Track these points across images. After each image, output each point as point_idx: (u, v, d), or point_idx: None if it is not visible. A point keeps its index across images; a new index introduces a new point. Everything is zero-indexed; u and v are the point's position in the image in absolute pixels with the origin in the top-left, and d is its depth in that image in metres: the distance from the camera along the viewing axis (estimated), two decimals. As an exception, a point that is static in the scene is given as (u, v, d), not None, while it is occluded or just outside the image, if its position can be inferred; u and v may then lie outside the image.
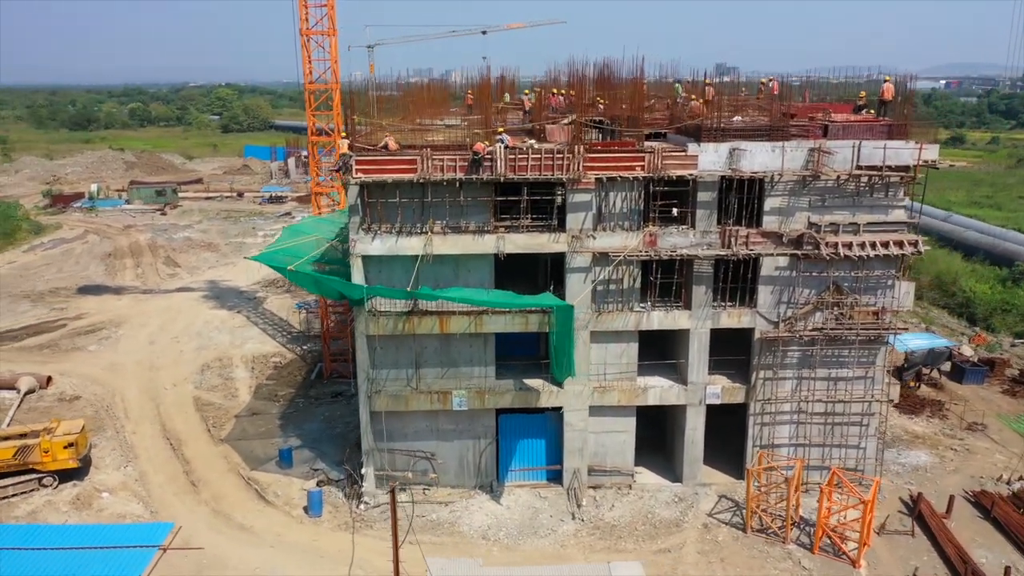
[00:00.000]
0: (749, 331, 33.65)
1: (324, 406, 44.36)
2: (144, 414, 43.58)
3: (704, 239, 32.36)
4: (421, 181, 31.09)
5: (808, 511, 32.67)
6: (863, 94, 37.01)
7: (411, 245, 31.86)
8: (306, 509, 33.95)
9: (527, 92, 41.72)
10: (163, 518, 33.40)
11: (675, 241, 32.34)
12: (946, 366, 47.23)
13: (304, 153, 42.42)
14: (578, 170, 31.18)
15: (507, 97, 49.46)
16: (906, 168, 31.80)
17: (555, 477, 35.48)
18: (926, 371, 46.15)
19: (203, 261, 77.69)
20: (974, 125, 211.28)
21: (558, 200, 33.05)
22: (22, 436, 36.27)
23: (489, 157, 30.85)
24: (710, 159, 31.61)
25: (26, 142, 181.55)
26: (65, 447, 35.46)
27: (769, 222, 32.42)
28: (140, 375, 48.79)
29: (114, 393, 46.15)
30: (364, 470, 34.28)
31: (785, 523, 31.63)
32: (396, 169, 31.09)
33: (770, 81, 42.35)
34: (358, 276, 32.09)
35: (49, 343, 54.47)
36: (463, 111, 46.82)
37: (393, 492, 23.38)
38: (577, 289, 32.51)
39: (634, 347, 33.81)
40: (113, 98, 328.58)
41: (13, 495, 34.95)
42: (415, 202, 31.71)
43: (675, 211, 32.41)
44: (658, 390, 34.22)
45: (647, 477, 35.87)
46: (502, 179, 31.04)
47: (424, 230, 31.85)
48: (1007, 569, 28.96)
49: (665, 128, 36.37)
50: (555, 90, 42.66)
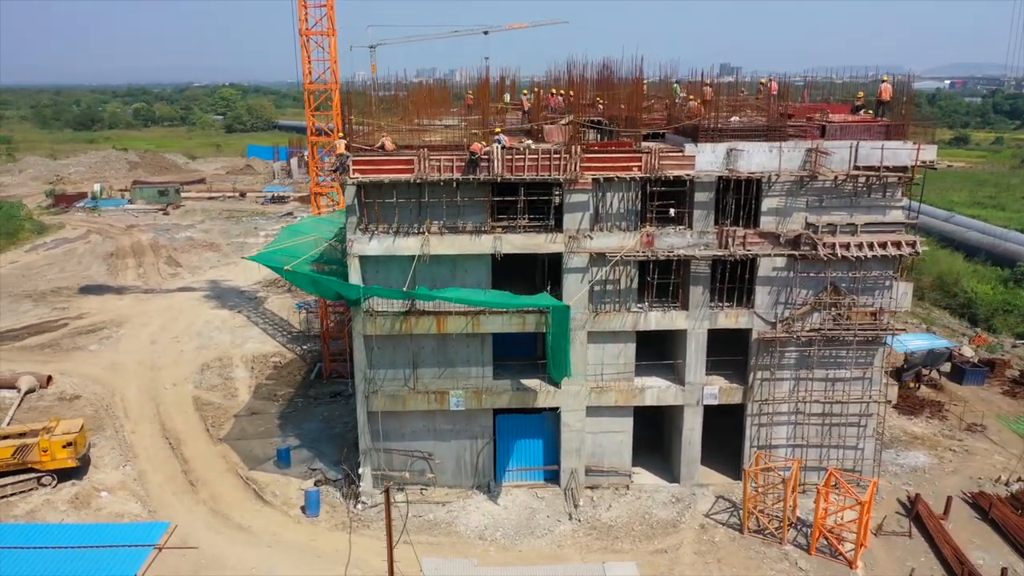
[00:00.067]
0: (746, 332, 33.62)
1: (323, 406, 44.43)
2: (144, 413, 43.68)
3: (701, 239, 32.34)
4: (418, 181, 31.13)
5: (805, 512, 32.62)
6: (861, 94, 36.95)
7: (408, 245, 31.89)
8: (303, 509, 33.97)
9: (525, 92, 41.73)
10: (161, 517, 33.44)
11: (672, 241, 32.32)
12: (946, 367, 47.13)
13: (307, 153, 42.48)
14: (575, 170, 31.19)
15: (507, 97, 49.48)
16: (904, 168, 31.73)
17: (552, 477, 35.48)
18: (926, 372, 46.04)
19: (205, 261, 77.83)
20: (978, 125, 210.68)
21: (556, 200, 33.08)
22: (21, 435, 36.39)
23: (486, 157, 30.88)
24: (707, 159, 31.59)
25: (30, 142, 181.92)
26: (64, 446, 35.58)
27: (766, 222, 32.38)
28: (140, 375, 48.90)
29: (114, 392, 46.27)
30: (361, 470, 34.32)
31: (782, 524, 31.59)
32: (393, 169, 31.13)
33: (769, 81, 42.28)
34: (355, 276, 32.13)
35: (50, 343, 54.61)
36: (463, 111, 46.83)
37: (387, 492, 23.40)
38: (574, 289, 32.51)
39: (631, 347, 33.80)
40: (117, 98, 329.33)
41: (12, 494, 35.07)
42: (412, 202, 31.75)
43: (672, 211, 32.40)
44: (655, 390, 34.21)
45: (645, 477, 35.84)
46: (499, 179, 31.07)
47: (421, 230, 31.89)
48: (1004, 570, 28.90)
49: (663, 128, 36.34)
50: (554, 90, 42.64)
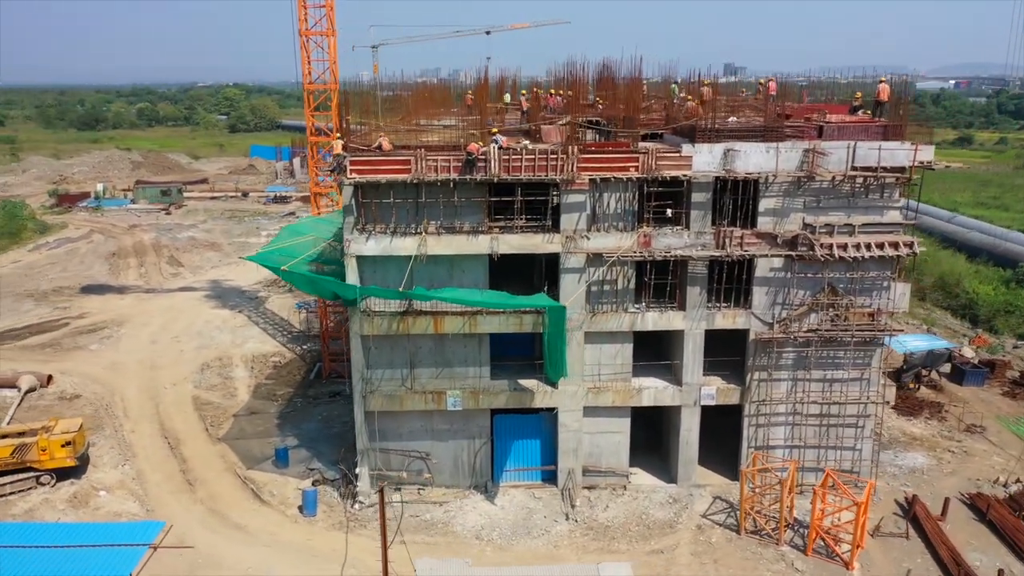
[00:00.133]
0: (744, 332, 33.57)
1: (322, 406, 44.49)
2: (143, 413, 43.78)
3: (698, 240, 32.31)
4: (415, 181, 31.16)
5: (802, 513, 32.55)
6: (859, 94, 36.87)
7: (405, 245, 31.93)
8: (301, 508, 34.02)
9: (524, 92, 41.73)
10: (159, 517, 33.54)
11: (669, 242, 32.30)
12: (946, 368, 47.02)
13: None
14: (572, 171, 31.19)
15: (507, 98, 49.46)
16: (902, 169, 31.66)
17: (550, 477, 35.49)
18: (925, 373, 45.93)
19: (206, 261, 77.97)
20: (983, 125, 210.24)
21: (553, 201, 33.09)
22: (20, 434, 36.50)
23: (483, 158, 30.89)
24: (704, 160, 31.56)
25: (34, 142, 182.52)
26: (63, 445, 35.67)
27: (764, 223, 32.35)
28: (140, 374, 49.00)
29: (114, 392, 46.38)
30: (358, 470, 34.34)
31: (779, 525, 31.55)
32: (390, 169, 31.17)
33: (768, 81, 42.24)
34: (352, 276, 32.18)
35: (51, 342, 54.76)
36: (463, 111, 46.84)
37: (381, 492, 23.42)
38: (571, 290, 32.49)
39: (629, 348, 33.79)
40: (122, 98, 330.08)
41: (11, 493, 35.17)
42: (409, 202, 31.78)
43: (669, 212, 32.38)
44: (653, 391, 34.19)
45: (642, 478, 35.82)
46: (495, 180, 31.09)
47: (418, 230, 31.92)
48: (1000, 572, 28.83)
49: (661, 129, 36.33)
50: (552, 90, 42.62)
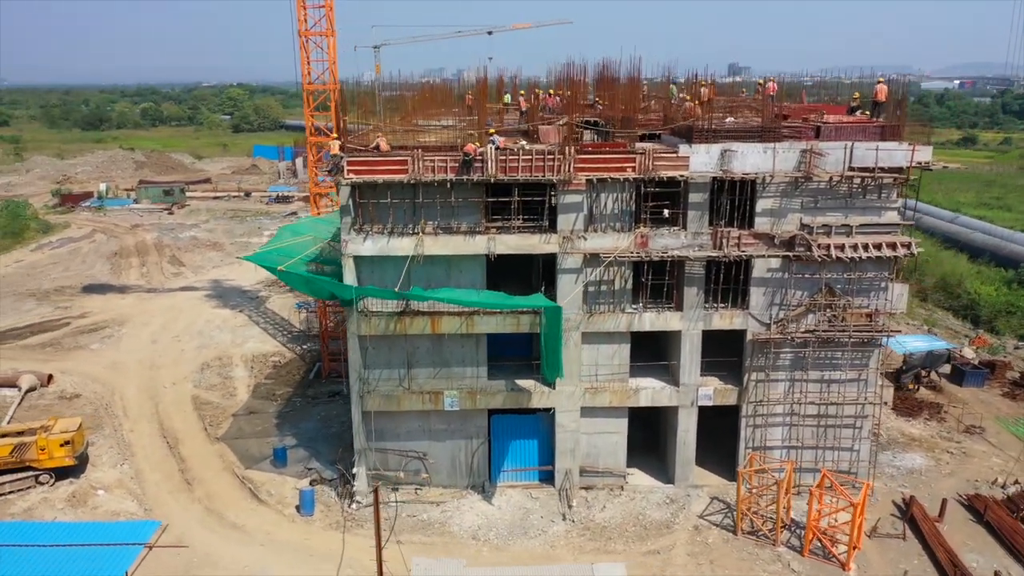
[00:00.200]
0: (741, 333, 33.55)
1: (321, 405, 44.54)
2: (143, 412, 43.88)
3: (696, 240, 32.29)
4: (412, 182, 31.21)
5: (799, 514, 32.48)
6: (857, 95, 36.79)
7: (402, 246, 31.96)
8: (298, 508, 34.07)
9: (522, 93, 41.73)
10: (157, 516, 33.63)
11: (666, 242, 32.29)
12: (946, 368, 46.93)
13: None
14: (569, 171, 31.20)
15: (507, 98, 49.47)
16: (899, 169, 31.62)
17: (547, 478, 35.50)
18: (925, 373, 45.83)
19: (208, 260, 78.10)
20: (987, 126, 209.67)
21: (553, 201, 33.08)
22: (19, 434, 36.61)
23: (480, 158, 30.92)
24: (701, 160, 31.55)
25: (39, 141, 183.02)
26: (61, 445, 35.76)
27: (761, 223, 32.32)
28: (140, 374, 49.12)
29: (114, 391, 46.50)
30: (356, 469, 34.38)
31: (776, 526, 31.51)
32: (387, 170, 31.21)
33: (767, 82, 42.14)
34: (350, 276, 32.22)
35: (52, 341, 54.91)
36: (463, 112, 46.88)
37: (376, 491, 23.47)
38: (568, 290, 32.49)
39: (626, 348, 33.79)
40: (126, 98, 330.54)
41: (10, 492, 35.29)
42: (406, 203, 31.82)
43: (666, 212, 32.37)
44: (650, 391, 34.18)
45: (639, 478, 35.81)
46: (492, 180, 31.12)
47: (416, 231, 31.96)
48: (996, 573, 28.80)
49: (659, 129, 36.33)
50: (551, 91, 42.62)
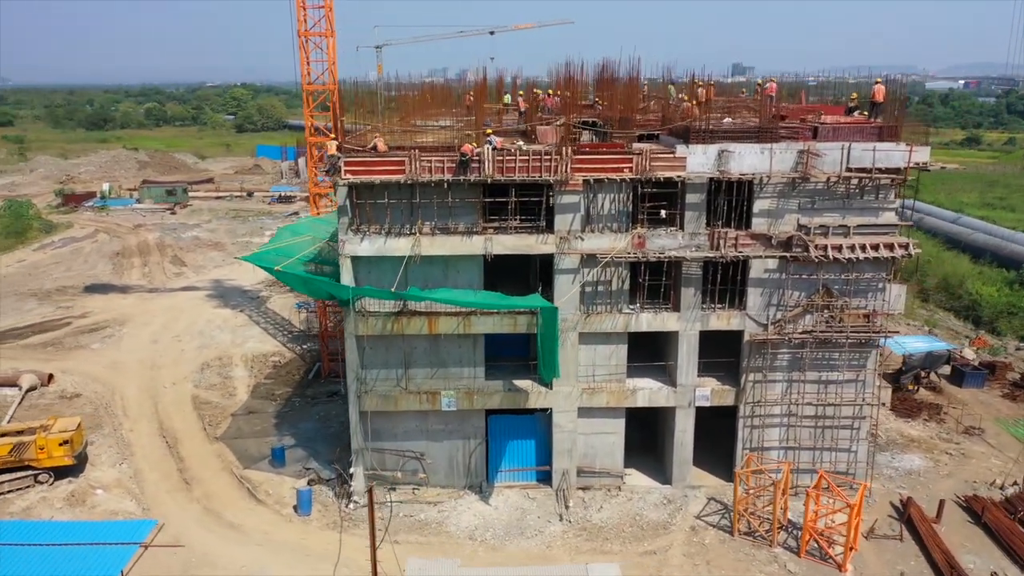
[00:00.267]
0: (739, 333, 33.52)
1: (320, 405, 44.60)
2: (142, 412, 43.99)
3: (693, 241, 32.29)
4: (409, 182, 31.25)
5: (796, 515, 32.47)
6: (855, 95, 36.75)
7: (400, 246, 32.00)
8: (296, 508, 34.14)
9: (521, 93, 41.74)
10: (155, 515, 33.65)
11: (663, 243, 32.29)
12: (945, 369, 46.82)
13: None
14: (566, 172, 31.20)
15: (507, 98, 49.49)
16: (897, 170, 31.57)
17: (544, 478, 35.51)
18: (924, 374, 45.73)
19: (209, 260, 78.23)
20: (991, 126, 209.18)
21: (551, 202, 33.08)
22: (19, 433, 36.73)
23: (477, 159, 30.94)
24: (698, 161, 31.54)
25: (43, 141, 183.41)
26: (60, 444, 35.84)
27: (758, 224, 32.30)
28: (141, 373, 49.23)
29: (114, 391, 46.61)
30: (353, 469, 34.43)
31: (772, 526, 31.49)
32: (384, 170, 31.25)
33: (767, 82, 42.07)
34: (347, 277, 32.26)
35: (53, 341, 55.05)
36: (464, 112, 46.89)
37: (371, 491, 23.49)
38: (565, 290, 32.49)
39: (623, 349, 33.78)
40: (130, 98, 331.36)
41: (9, 491, 35.40)
42: (404, 203, 31.86)
43: (664, 213, 32.37)
44: (647, 392, 34.17)
45: (637, 479, 35.81)
46: (489, 180, 31.14)
47: (413, 231, 32.00)
48: (993, 574, 28.73)
49: (657, 129, 36.32)
50: (550, 91, 42.64)
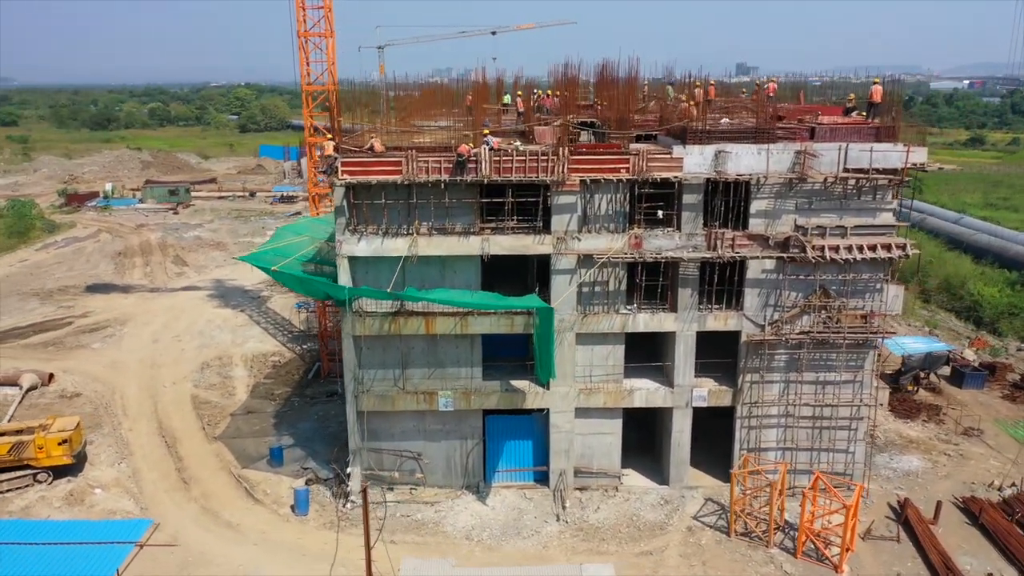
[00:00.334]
0: (736, 334, 33.49)
1: (319, 405, 44.65)
2: (142, 411, 44.10)
3: (690, 241, 32.27)
4: (406, 183, 31.29)
5: (793, 515, 32.44)
6: (852, 96, 36.72)
7: (397, 246, 32.04)
8: (293, 508, 34.21)
9: (520, 94, 41.76)
10: (153, 515, 33.80)
11: (660, 243, 32.28)
12: (945, 370, 46.75)
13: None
14: (562, 172, 31.20)
15: (507, 98, 49.50)
16: (894, 171, 31.52)
17: (542, 478, 35.53)
18: (924, 375, 45.64)
19: (211, 260, 78.36)
20: (996, 126, 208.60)
21: (550, 202, 33.08)
22: (18, 432, 36.86)
23: (473, 159, 30.97)
24: (695, 161, 31.52)
25: (47, 141, 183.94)
26: (59, 443, 35.94)
27: (755, 225, 32.26)
28: (141, 373, 49.36)
29: (114, 391, 46.73)
30: (350, 469, 34.49)
31: (769, 527, 31.46)
32: (381, 171, 31.29)
33: (766, 83, 42.08)
34: (344, 277, 32.32)
35: (54, 340, 55.22)
36: (463, 112, 46.91)
37: (365, 491, 23.55)
38: (562, 291, 32.51)
39: (620, 349, 33.78)
40: (134, 98, 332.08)
41: (8, 490, 35.52)
42: (401, 203, 31.90)
43: (660, 213, 32.36)
44: (644, 392, 34.16)
45: (634, 479, 35.81)
46: (486, 181, 31.17)
47: (410, 231, 32.04)
48: (989, 576, 28.72)
49: (656, 130, 36.31)
50: (549, 91, 42.65)
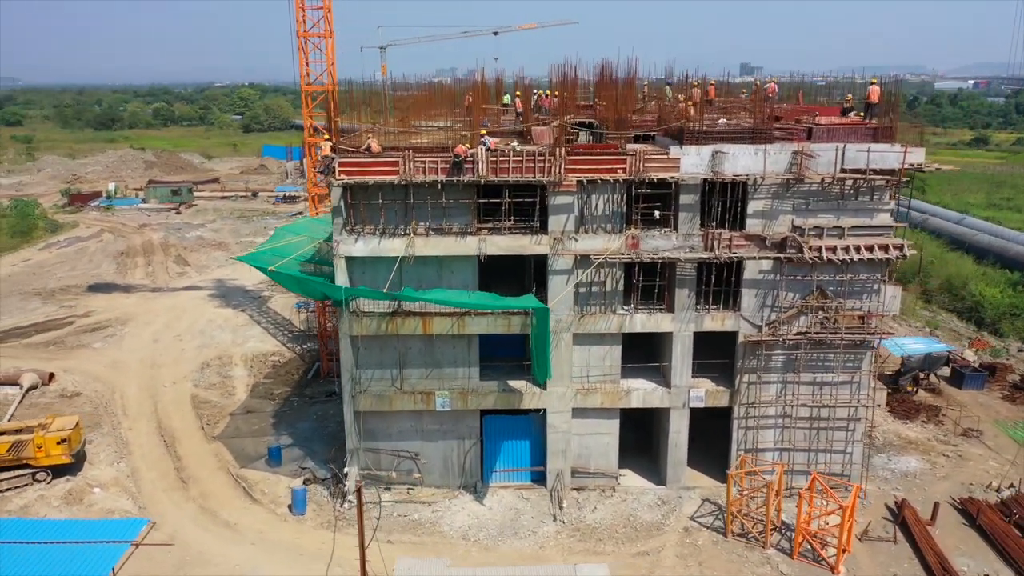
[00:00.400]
0: (733, 335, 33.47)
1: (318, 405, 44.70)
2: (141, 411, 44.20)
3: (687, 242, 32.25)
4: (403, 183, 31.33)
5: (790, 516, 32.37)
6: (850, 96, 36.67)
7: (394, 246, 32.08)
8: (290, 507, 34.25)
9: (519, 94, 41.78)
10: (151, 514, 33.86)
11: (657, 244, 32.27)
12: (945, 371, 46.65)
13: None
14: (559, 172, 31.22)
15: (506, 98, 49.49)
16: (891, 171, 31.47)
17: (539, 478, 35.54)
18: (923, 376, 45.55)
19: (212, 260, 78.50)
20: (1000, 126, 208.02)
21: (549, 202, 33.09)
22: (17, 431, 36.98)
23: (470, 160, 30.99)
24: (692, 162, 31.50)
25: (51, 141, 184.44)
26: (58, 443, 36.05)
27: (752, 225, 32.24)
28: (141, 373, 49.47)
29: (114, 390, 46.84)
30: (347, 469, 34.54)
31: (765, 528, 31.43)
32: (378, 171, 31.34)
33: (766, 83, 42.06)
34: (342, 277, 32.37)
35: (55, 340, 55.37)
36: (464, 112, 46.91)
37: (359, 491, 23.58)
38: (559, 291, 32.51)
39: (617, 349, 33.77)
40: (139, 98, 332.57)
41: (7, 489, 35.65)
42: (398, 204, 31.94)
43: (657, 214, 32.37)
44: (641, 393, 34.15)
45: (632, 480, 35.80)
46: (483, 181, 31.19)
47: (407, 232, 32.07)
48: (986, 578, 28.65)
49: (654, 130, 36.30)
50: (547, 92, 42.66)
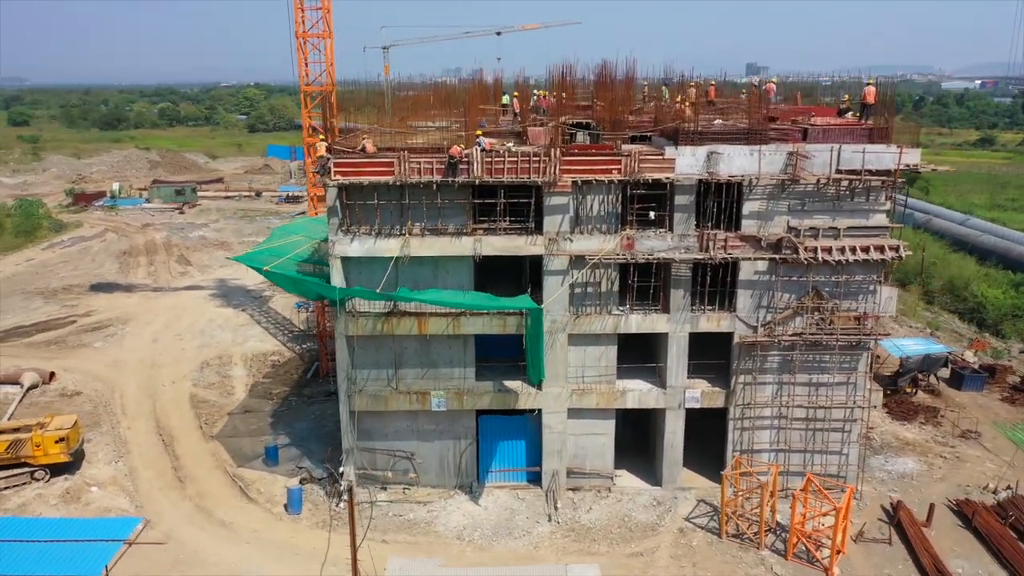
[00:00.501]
0: (728, 335, 33.44)
1: (316, 404, 44.79)
2: (140, 410, 44.36)
3: (682, 243, 32.25)
4: (399, 183, 31.39)
5: (785, 517, 32.28)
6: (847, 97, 36.58)
7: (389, 247, 32.15)
8: (286, 507, 34.35)
9: (517, 94, 41.79)
10: (147, 513, 34.03)
11: (653, 244, 32.27)
12: (945, 372, 46.52)
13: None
14: (554, 173, 31.24)
15: (505, 99, 49.48)
16: (887, 172, 31.41)
17: (535, 479, 35.57)
18: (922, 377, 45.42)
19: (215, 260, 78.70)
20: (1007, 126, 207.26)
21: (543, 203, 33.10)
22: (15, 430, 37.16)
23: (465, 160, 31.04)
24: (687, 163, 31.49)
25: (57, 141, 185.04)
26: (56, 441, 36.21)
27: (748, 226, 32.21)
28: (141, 372, 49.65)
29: (114, 389, 47.02)
30: (343, 468, 34.61)
31: (760, 529, 31.40)
32: (374, 172, 31.41)
33: (764, 83, 41.99)
34: (338, 277, 32.45)
35: (57, 339, 55.60)
36: (464, 113, 46.85)
37: (351, 491, 23.64)
38: (554, 292, 32.51)
39: (613, 350, 33.78)
40: (145, 98, 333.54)
41: (5, 488, 35.82)
42: (393, 204, 32.00)
43: (653, 214, 32.36)
44: (637, 393, 34.15)
45: (627, 480, 35.79)
46: (478, 182, 31.23)
47: (402, 232, 32.14)
48: (980, 580, 28.57)
49: (650, 131, 36.28)
50: (545, 92, 42.67)
